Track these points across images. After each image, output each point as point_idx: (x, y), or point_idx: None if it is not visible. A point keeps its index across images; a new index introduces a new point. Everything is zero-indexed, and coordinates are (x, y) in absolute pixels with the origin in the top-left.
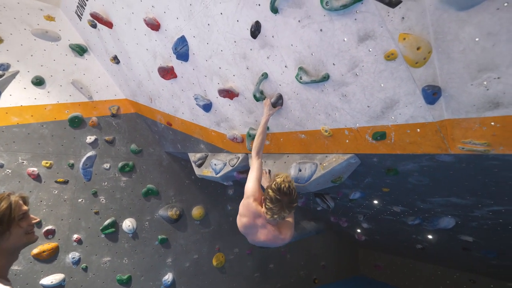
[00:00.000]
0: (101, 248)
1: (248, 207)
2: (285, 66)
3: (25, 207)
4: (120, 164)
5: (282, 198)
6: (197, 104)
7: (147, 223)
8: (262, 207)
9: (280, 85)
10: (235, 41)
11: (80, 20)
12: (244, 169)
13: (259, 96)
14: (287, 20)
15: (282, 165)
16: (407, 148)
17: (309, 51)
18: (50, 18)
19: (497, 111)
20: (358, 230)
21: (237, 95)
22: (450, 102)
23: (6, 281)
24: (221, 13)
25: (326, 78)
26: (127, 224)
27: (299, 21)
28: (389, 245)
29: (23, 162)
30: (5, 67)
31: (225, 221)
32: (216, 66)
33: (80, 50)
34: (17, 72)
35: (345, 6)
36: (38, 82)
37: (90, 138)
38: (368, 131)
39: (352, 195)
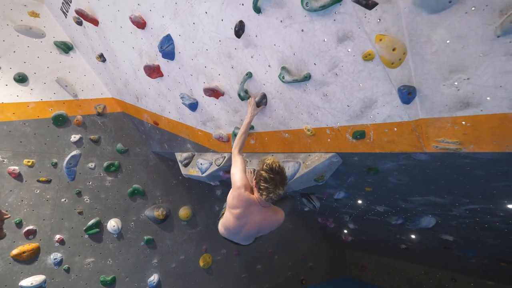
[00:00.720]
0: (84, 249)
1: (240, 197)
2: (269, 66)
3: None
4: (105, 164)
5: (275, 176)
6: (183, 103)
7: (132, 223)
8: (253, 194)
9: (264, 84)
10: (220, 40)
11: (66, 17)
12: (229, 169)
13: (244, 95)
14: (270, 20)
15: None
16: (385, 147)
17: (291, 51)
18: (34, 14)
19: (467, 111)
20: (345, 231)
21: (222, 94)
22: (424, 102)
23: None
24: (206, 12)
25: (307, 77)
26: (112, 224)
27: (281, 21)
28: (374, 246)
29: (3, 161)
30: None
31: (212, 222)
32: (202, 65)
33: (65, 48)
34: None
35: (324, 7)
36: (21, 79)
37: (74, 137)
38: (348, 130)
39: (337, 194)
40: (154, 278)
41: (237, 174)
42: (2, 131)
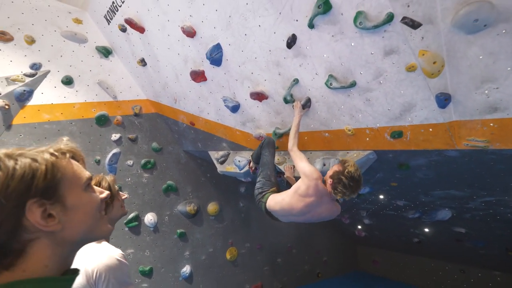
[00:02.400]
0: (125, 241)
1: (317, 187)
2: (316, 73)
3: (116, 186)
4: (142, 161)
5: (354, 184)
6: (225, 105)
7: (166, 217)
8: (326, 186)
9: (309, 89)
10: (270, 50)
11: (109, 24)
12: None
13: (289, 99)
14: (322, 35)
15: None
16: (420, 145)
17: (340, 61)
18: (78, 21)
19: (495, 115)
20: (359, 227)
21: (266, 97)
22: (458, 107)
23: None
24: (259, 26)
25: (353, 84)
26: (149, 218)
27: (332, 35)
28: (387, 241)
29: None
30: (37, 66)
31: (237, 217)
32: (249, 71)
33: (105, 52)
34: (48, 72)
35: (376, 27)
36: (68, 81)
37: (115, 136)
38: (387, 130)
39: (362, 190)
40: (186, 269)
41: (308, 167)
42: (52, 130)
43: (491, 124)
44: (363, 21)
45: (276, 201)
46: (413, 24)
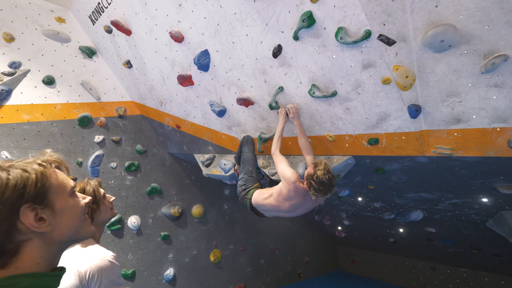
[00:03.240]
0: (107, 244)
1: (297, 189)
2: (300, 82)
3: (102, 190)
4: (126, 164)
5: (324, 187)
6: (212, 109)
7: (150, 220)
8: (305, 185)
9: (293, 97)
10: (256, 59)
11: (93, 24)
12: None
13: (275, 106)
14: (306, 47)
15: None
16: (394, 151)
17: (322, 72)
18: (60, 19)
19: (459, 125)
20: (339, 228)
21: (252, 103)
22: (427, 117)
23: None
24: (247, 35)
25: (334, 94)
26: (133, 221)
27: (315, 48)
28: (365, 241)
29: None
30: (16, 65)
31: (221, 219)
32: (236, 77)
33: (89, 52)
34: (28, 71)
35: (355, 42)
36: (49, 81)
37: (98, 138)
38: (365, 137)
39: (342, 192)
40: (170, 272)
41: (287, 170)
42: (31, 131)
43: (455, 134)
44: (344, 36)
45: (263, 197)
46: (388, 41)
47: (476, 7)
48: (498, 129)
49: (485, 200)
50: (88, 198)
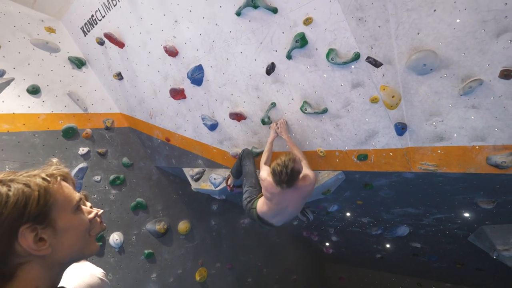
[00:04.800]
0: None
1: (270, 185)
2: (292, 99)
3: (89, 203)
4: (111, 177)
5: (274, 176)
6: (203, 123)
7: (134, 237)
8: None
9: (285, 113)
10: (250, 75)
11: (85, 36)
12: (241, 183)
13: (267, 121)
14: (298, 65)
15: None
16: (382, 167)
17: (313, 90)
18: (51, 29)
19: (441, 143)
20: (327, 244)
21: (245, 118)
22: (412, 135)
23: None
24: (241, 52)
25: (325, 111)
26: (115, 238)
27: (307, 67)
28: (352, 257)
29: None
30: (0, 73)
31: (208, 236)
32: (229, 92)
33: (78, 63)
34: (12, 79)
35: (345, 63)
36: (34, 90)
37: (83, 150)
38: (354, 153)
39: (331, 208)
40: None
41: (261, 173)
42: (11, 142)
43: (439, 151)
44: (335, 57)
45: (263, 202)
46: (376, 63)
47: (453, 36)
48: (477, 147)
49: (467, 215)
50: (94, 213)
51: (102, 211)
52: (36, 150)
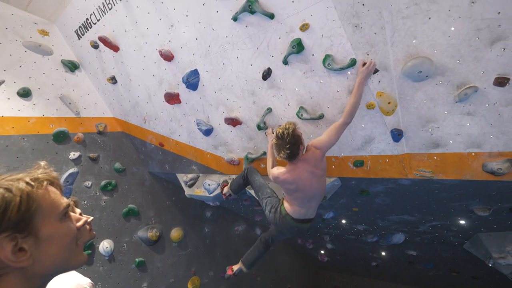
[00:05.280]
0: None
1: (284, 177)
2: (288, 104)
3: (79, 210)
4: (102, 183)
5: (278, 141)
6: (198, 128)
7: (125, 245)
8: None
9: (281, 118)
10: (246, 80)
11: (79, 39)
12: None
13: (263, 126)
14: (294, 71)
15: (276, 185)
16: (379, 174)
17: (310, 95)
18: (44, 32)
19: (438, 149)
20: (322, 252)
21: (240, 123)
22: (408, 141)
23: None
24: (237, 57)
25: (321, 116)
26: (105, 245)
27: (304, 72)
28: (347, 265)
29: None
30: None
31: (202, 243)
32: (224, 97)
33: (72, 66)
34: (2, 82)
35: (341, 69)
36: (25, 93)
37: (73, 154)
38: (350, 159)
39: (326, 215)
40: None
41: (274, 170)
42: None
43: (435, 157)
44: (331, 63)
45: (290, 203)
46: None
47: (448, 44)
48: (473, 153)
49: (462, 222)
50: (83, 220)
51: (92, 218)
52: (25, 154)
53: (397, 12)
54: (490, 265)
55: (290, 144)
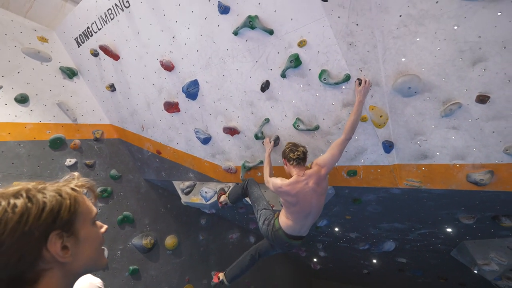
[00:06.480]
0: None
1: (287, 187)
2: (285, 116)
3: None
4: (98, 190)
5: (293, 145)
6: (197, 136)
7: (119, 252)
8: (289, 173)
9: (278, 129)
10: (245, 91)
11: (79, 46)
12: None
13: (260, 136)
14: (292, 84)
15: (271, 194)
16: (371, 183)
17: (306, 107)
18: (43, 39)
19: (426, 161)
20: (315, 259)
21: (238, 132)
22: (399, 153)
23: None
24: (237, 69)
25: (317, 128)
26: None
27: (301, 86)
28: (340, 273)
29: None
30: None
31: (196, 251)
32: (223, 107)
33: (70, 73)
34: (0, 87)
35: (336, 83)
36: (23, 99)
37: (70, 161)
38: (344, 169)
39: (320, 222)
40: None
41: (276, 180)
42: None
43: (423, 168)
44: (327, 78)
45: (286, 217)
46: None
47: (434, 63)
48: (457, 165)
49: (449, 230)
50: (105, 227)
51: (107, 226)
52: (20, 160)
53: (388, 32)
54: (476, 271)
55: (302, 147)
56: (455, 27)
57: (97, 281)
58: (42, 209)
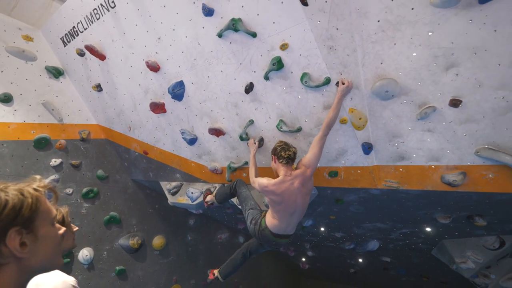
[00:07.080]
0: None
1: (272, 186)
2: (269, 117)
3: (69, 218)
4: (84, 190)
5: (284, 143)
6: (183, 137)
7: (105, 252)
8: (277, 171)
9: (262, 130)
10: (229, 93)
11: (65, 46)
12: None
13: (245, 137)
14: (275, 86)
15: (257, 193)
16: (351, 183)
17: (289, 109)
18: (28, 38)
19: (403, 162)
20: (303, 259)
21: (223, 134)
22: (377, 154)
23: None
24: (222, 71)
25: (299, 129)
26: (85, 253)
27: (284, 88)
28: (328, 272)
29: None
30: None
31: (184, 251)
32: (209, 109)
33: (56, 73)
34: None
35: (317, 86)
36: (6, 99)
37: (55, 161)
38: (326, 170)
39: (306, 222)
40: None
41: (262, 180)
42: None
43: (400, 169)
44: (308, 81)
45: (272, 216)
46: None
47: (411, 67)
48: (433, 166)
49: (428, 229)
50: (63, 229)
51: (77, 228)
52: (3, 160)
53: (367, 37)
54: (454, 269)
55: (293, 148)
56: (430, 33)
57: (71, 279)
58: (4, 206)
